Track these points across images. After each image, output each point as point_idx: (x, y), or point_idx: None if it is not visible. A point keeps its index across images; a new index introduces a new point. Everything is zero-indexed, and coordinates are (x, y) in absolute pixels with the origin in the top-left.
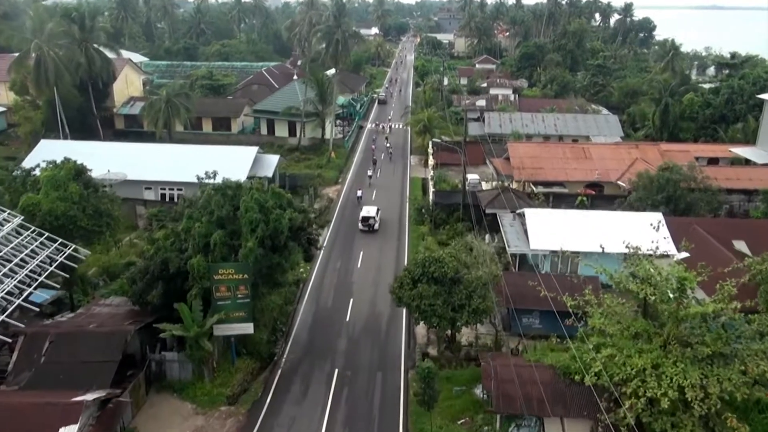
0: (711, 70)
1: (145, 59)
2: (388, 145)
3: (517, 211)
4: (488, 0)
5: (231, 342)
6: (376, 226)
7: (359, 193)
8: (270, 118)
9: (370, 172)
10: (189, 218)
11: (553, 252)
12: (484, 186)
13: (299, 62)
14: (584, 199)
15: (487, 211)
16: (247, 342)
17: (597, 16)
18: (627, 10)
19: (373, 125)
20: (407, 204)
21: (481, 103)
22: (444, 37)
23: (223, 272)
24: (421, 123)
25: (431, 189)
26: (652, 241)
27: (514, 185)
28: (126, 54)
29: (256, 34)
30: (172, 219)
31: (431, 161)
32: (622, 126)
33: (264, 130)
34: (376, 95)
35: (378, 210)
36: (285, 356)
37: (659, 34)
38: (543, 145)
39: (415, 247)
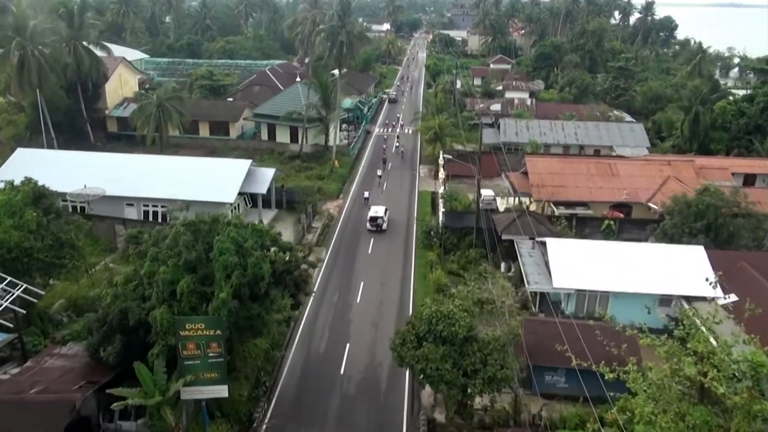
0: (734, 72)
1: (145, 56)
2: (398, 144)
3: (537, 239)
4: None
5: (202, 405)
6: (384, 226)
7: (366, 194)
8: (271, 122)
9: (380, 172)
10: (153, 260)
11: (579, 291)
12: (499, 202)
13: (306, 60)
14: (611, 223)
15: (504, 237)
16: (223, 402)
17: (616, 14)
18: (648, 8)
19: (382, 130)
20: (414, 224)
21: (496, 107)
22: (457, 34)
23: (192, 327)
24: (432, 131)
25: (441, 208)
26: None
27: (533, 205)
28: (126, 51)
29: (263, 29)
30: (152, 243)
31: (442, 174)
32: (648, 135)
33: (264, 135)
34: (385, 95)
35: (386, 210)
36: (267, 420)
37: (679, 33)
38: (565, 160)
39: (422, 278)
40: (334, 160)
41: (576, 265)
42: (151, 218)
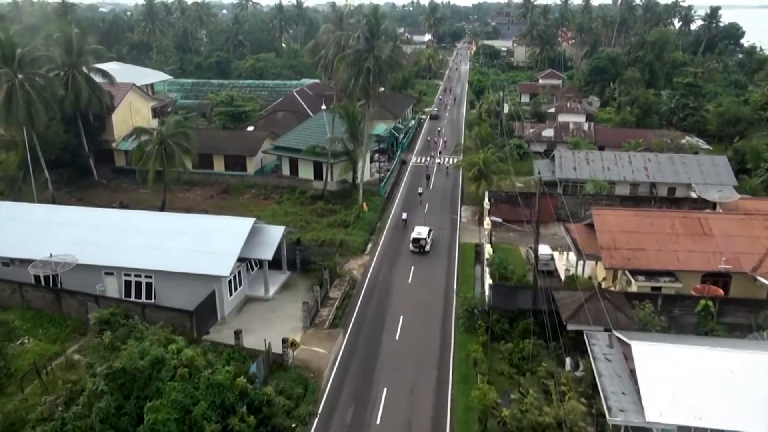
0: None
1: (169, 77)
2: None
3: (616, 333)
4: (552, 0)
5: None
6: (428, 247)
7: (404, 215)
8: (293, 156)
9: (421, 189)
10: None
11: (684, 428)
12: (557, 259)
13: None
14: (709, 303)
15: (570, 327)
16: None
17: (676, 21)
18: (713, 14)
19: (420, 159)
20: (454, 297)
21: (548, 133)
22: (502, 44)
23: None
24: (476, 167)
25: (487, 278)
26: None
27: (602, 273)
28: (148, 73)
29: (299, 44)
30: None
31: (487, 223)
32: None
33: (286, 170)
34: (424, 116)
35: (430, 230)
36: None
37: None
38: (643, 213)
39: (463, 380)
40: (362, 203)
41: (678, 383)
42: (133, 292)
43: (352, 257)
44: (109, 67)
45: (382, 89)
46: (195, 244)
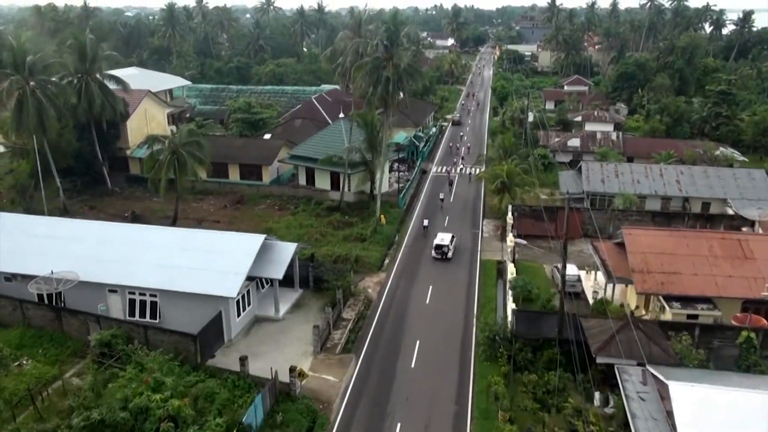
0: None
1: (188, 83)
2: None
3: (650, 368)
4: (578, 4)
5: None
6: (450, 254)
7: (425, 222)
8: (309, 166)
9: (442, 195)
10: None
11: None
12: (584, 279)
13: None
14: (751, 335)
15: (600, 360)
16: None
17: (706, 26)
18: (746, 18)
19: (441, 168)
20: (474, 320)
21: (575, 142)
22: (526, 49)
23: None
24: (499, 180)
25: (510, 302)
26: None
27: (633, 298)
28: (167, 78)
29: (320, 48)
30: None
31: (510, 240)
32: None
33: (302, 180)
34: (446, 123)
35: (453, 237)
36: None
37: None
38: (678, 234)
39: (482, 416)
40: (380, 216)
41: (719, 431)
42: (138, 311)
43: (368, 274)
44: (128, 72)
45: (401, 96)
46: (202, 262)
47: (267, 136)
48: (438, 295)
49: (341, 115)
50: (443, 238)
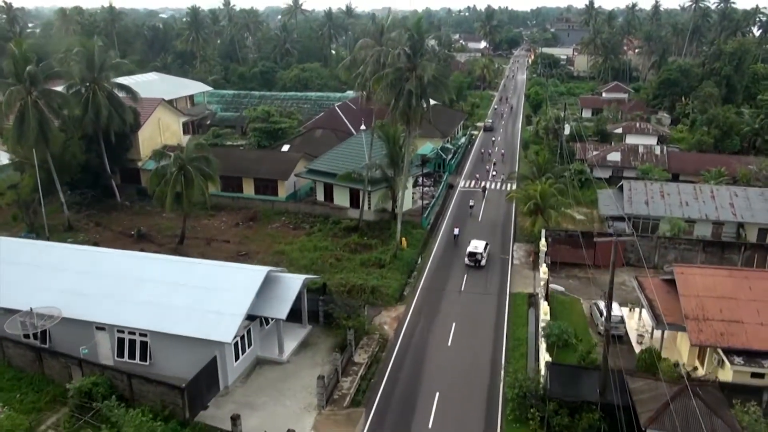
0: None
1: (209, 88)
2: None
3: None
4: (616, 5)
5: None
6: (483, 262)
7: (456, 231)
8: (328, 182)
9: (471, 202)
10: None
11: None
12: (627, 318)
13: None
14: None
15: None
16: None
17: (755, 29)
18: None
19: (470, 183)
20: (501, 369)
21: (615, 157)
22: (561, 52)
23: None
24: (532, 201)
25: (543, 353)
26: None
27: (686, 349)
28: (188, 84)
29: (348, 51)
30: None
31: (544, 271)
32: None
33: (320, 196)
34: (476, 132)
35: (487, 244)
36: None
37: None
38: (740, 274)
39: None
40: (400, 239)
41: None
42: (127, 351)
43: (385, 307)
44: (148, 77)
45: (425, 108)
46: (197, 300)
47: (285, 147)
48: (461, 335)
49: (362, 127)
50: (477, 245)
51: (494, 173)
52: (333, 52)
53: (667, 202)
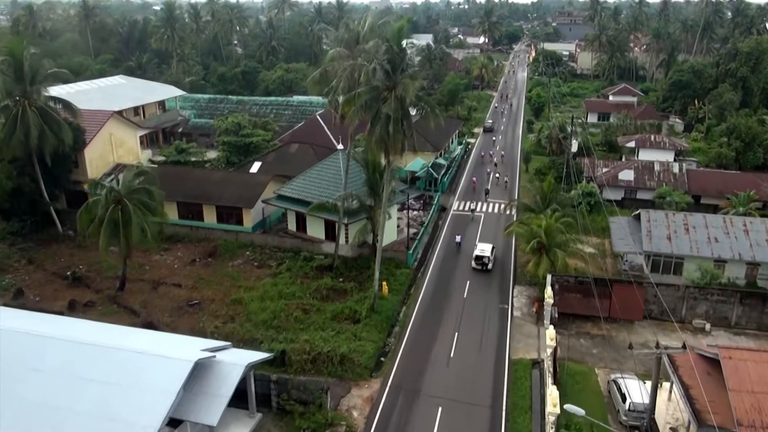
0: None
1: (182, 93)
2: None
3: None
4: None
5: None
6: (490, 265)
7: (458, 238)
8: (299, 210)
9: (473, 206)
10: None
11: None
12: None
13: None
14: None
15: None
16: None
17: None
18: None
19: (465, 204)
20: None
21: (627, 176)
22: (563, 47)
23: None
24: (535, 240)
25: None
26: None
27: None
28: (156, 88)
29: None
30: None
31: (551, 337)
32: None
33: (292, 225)
34: (473, 141)
35: (493, 248)
36: None
37: None
38: None
39: None
40: (378, 283)
41: None
42: None
43: (356, 384)
44: (114, 81)
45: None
46: (102, 403)
47: (256, 165)
48: (449, 427)
49: (339, 146)
50: (483, 249)
51: (497, 176)
52: (325, 47)
53: (693, 237)
